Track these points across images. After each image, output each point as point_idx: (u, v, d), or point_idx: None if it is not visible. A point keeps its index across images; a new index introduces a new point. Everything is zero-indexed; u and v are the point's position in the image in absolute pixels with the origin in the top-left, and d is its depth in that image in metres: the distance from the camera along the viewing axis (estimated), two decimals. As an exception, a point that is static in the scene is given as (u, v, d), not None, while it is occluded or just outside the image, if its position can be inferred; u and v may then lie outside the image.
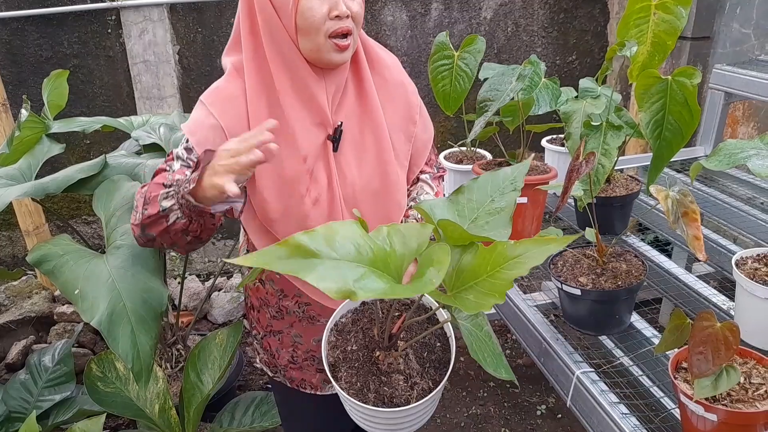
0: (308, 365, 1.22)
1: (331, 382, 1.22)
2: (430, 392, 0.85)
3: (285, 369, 1.24)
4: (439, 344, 0.93)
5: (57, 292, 2.62)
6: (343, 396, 0.86)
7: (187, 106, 2.85)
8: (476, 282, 0.72)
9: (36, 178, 1.68)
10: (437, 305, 0.93)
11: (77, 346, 2.41)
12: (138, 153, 1.79)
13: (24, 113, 1.66)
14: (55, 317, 2.50)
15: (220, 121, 1.02)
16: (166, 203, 0.95)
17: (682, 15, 1.36)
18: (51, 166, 1.71)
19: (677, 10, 1.36)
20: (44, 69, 2.66)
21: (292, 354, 1.22)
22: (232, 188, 0.84)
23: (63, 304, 2.55)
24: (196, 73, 2.83)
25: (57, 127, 1.76)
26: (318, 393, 1.25)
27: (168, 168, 1.03)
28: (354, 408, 0.87)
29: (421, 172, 1.24)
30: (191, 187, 0.90)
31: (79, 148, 2.82)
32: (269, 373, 1.29)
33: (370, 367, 0.89)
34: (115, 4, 2.61)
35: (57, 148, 1.71)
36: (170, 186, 0.96)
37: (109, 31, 2.68)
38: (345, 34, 0.99)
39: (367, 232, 0.72)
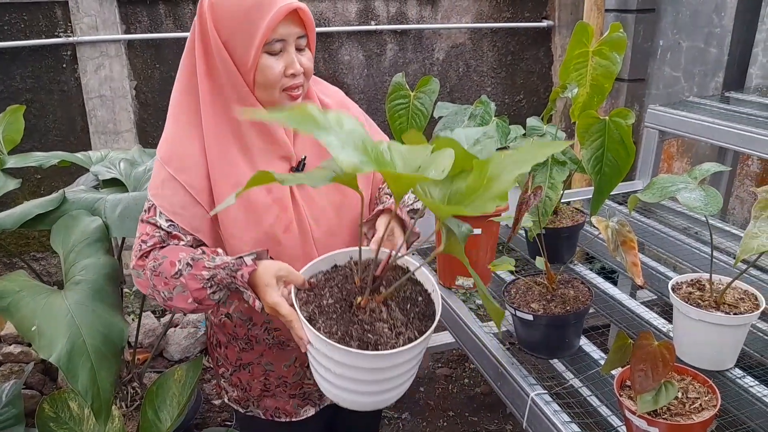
0: (281, 392, 1.23)
1: (303, 406, 1.23)
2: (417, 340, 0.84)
3: (259, 399, 1.25)
4: (421, 299, 0.94)
5: (2, 332, 2.52)
6: (323, 342, 0.81)
7: (144, 140, 2.85)
8: (473, 198, 0.68)
9: (-11, 214, 1.65)
10: (416, 264, 0.94)
11: (25, 387, 2.32)
12: (96, 187, 1.79)
13: (-22, 148, 1.64)
14: (0, 358, 2.40)
15: (179, 178, 1.07)
16: (216, 296, 1.01)
17: (616, 60, 1.49)
18: (-1, 200, 1.70)
19: (612, 55, 1.48)
20: (-5, 103, 2.62)
21: (264, 383, 1.23)
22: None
23: (10, 344, 2.45)
24: (154, 108, 2.84)
25: (13, 162, 1.74)
26: (293, 420, 1.25)
27: (154, 228, 1.07)
28: (333, 359, 0.82)
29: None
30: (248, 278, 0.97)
31: (29, 182, 2.76)
32: (240, 410, 1.29)
33: (351, 317, 0.86)
34: (71, 39, 2.61)
35: (13, 183, 1.69)
36: (211, 279, 1.00)
37: (64, 65, 2.67)
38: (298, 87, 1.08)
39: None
